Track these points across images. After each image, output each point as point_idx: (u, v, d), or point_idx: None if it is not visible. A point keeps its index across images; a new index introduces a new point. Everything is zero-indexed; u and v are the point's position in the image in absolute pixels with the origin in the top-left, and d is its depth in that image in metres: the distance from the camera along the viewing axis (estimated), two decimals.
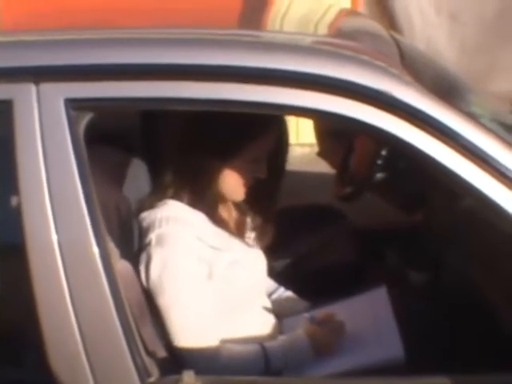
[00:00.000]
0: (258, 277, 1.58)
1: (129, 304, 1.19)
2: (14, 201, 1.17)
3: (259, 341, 1.45)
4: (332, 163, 2.41)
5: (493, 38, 4.30)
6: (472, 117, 1.17)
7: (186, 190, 1.45)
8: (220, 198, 1.51)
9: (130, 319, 1.17)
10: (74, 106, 1.15)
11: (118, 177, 1.53)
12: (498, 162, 1.09)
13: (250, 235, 1.60)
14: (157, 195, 1.47)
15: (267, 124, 1.42)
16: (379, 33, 1.60)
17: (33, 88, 1.14)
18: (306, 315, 1.54)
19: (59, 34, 1.26)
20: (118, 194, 1.50)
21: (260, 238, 1.61)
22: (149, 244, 1.38)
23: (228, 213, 1.56)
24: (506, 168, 1.09)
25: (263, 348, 1.42)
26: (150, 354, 1.26)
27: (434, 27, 4.42)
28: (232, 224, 1.55)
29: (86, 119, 1.17)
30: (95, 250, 1.14)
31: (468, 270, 1.66)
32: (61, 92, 1.14)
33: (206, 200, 1.46)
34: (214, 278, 1.42)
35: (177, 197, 1.45)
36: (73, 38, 1.22)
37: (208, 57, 1.13)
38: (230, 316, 1.45)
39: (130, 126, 1.57)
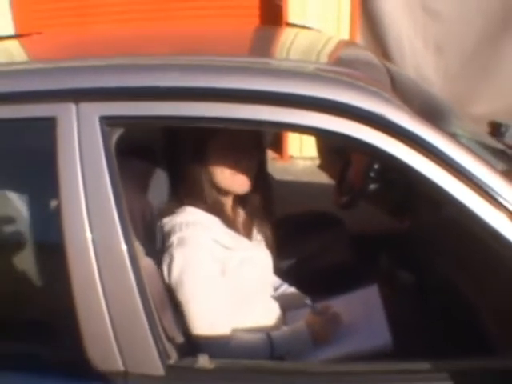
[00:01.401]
0: (265, 273, 1.59)
1: (151, 296, 1.20)
2: (55, 205, 1.19)
3: (265, 330, 1.46)
4: (331, 175, 2.43)
5: (473, 67, 4.31)
6: (454, 137, 1.17)
7: (193, 195, 1.45)
8: (225, 195, 1.49)
9: (153, 309, 1.19)
10: (108, 122, 1.16)
11: (143, 185, 1.55)
12: (475, 176, 1.10)
13: (257, 237, 1.60)
14: (176, 202, 1.48)
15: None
16: (373, 61, 1.60)
17: (73, 107, 1.16)
18: (308, 302, 1.54)
19: (95, 60, 1.28)
20: (143, 199, 1.52)
21: (265, 239, 1.61)
22: (171, 245, 1.39)
23: (235, 216, 1.56)
24: (482, 181, 1.10)
25: (269, 336, 1.43)
26: (170, 339, 1.26)
27: (421, 57, 4.43)
28: (241, 226, 1.56)
29: (117, 134, 1.19)
30: (124, 247, 1.16)
31: (448, 271, 1.66)
32: (97, 110, 1.16)
33: (212, 201, 1.45)
34: (226, 274, 1.43)
35: (192, 203, 1.46)
36: (106, 64, 1.24)
37: (223, 80, 1.14)
38: (241, 308, 1.46)
39: (154, 141, 1.59)
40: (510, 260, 1.11)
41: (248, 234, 1.57)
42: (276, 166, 4.07)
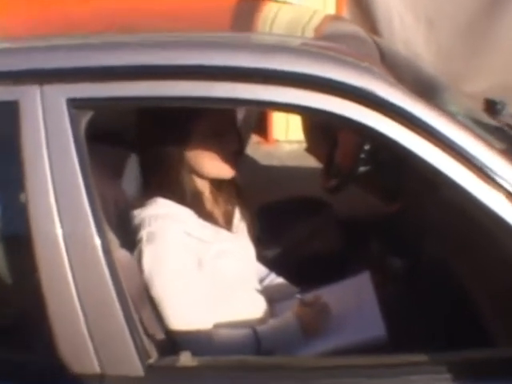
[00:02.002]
0: (247, 264, 1.57)
1: (129, 290, 1.18)
2: (20, 197, 1.15)
3: (251, 324, 1.44)
4: (319, 158, 2.41)
5: (466, 43, 4.31)
6: (448, 113, 1.16)
7: (166, 185, 1.42)
8: (204, 183, 1.47)
9: (131, 304, 1.16)
10: (76, 105, 1.13)
11: (116, 172, 1.53)
12: (472, 155, 1.09)
13: (238, 226, 1.58)
14: (147, 193, 1.45)
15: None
16: (361, 36, 1.59)
17: (37, 89, 1.13)
18: (297, 295, 1.53)
19: (60, 39, 1.25)
20: (117, 187, 1.49)
21: (247, 228, 1.59)
22: (140, 241, 1.37)
23: (213, 205, 1.54)
24: (477, 159, 1.09)
25: (254, 331, 1.41)
26: (150, 336, 1.25)
27: (412, 31, 4.41)
28: (218, 216, 1.53)
29: (86, 118, 1.16)
30: (96, 240, 1.13)
31: (444, 257, 1.66)
32: (63, 92, 1.13)
33: (191, 191, 1.43)
34: (203, 267, 1.40)
35: (165, 194, 1.42)
36: (73, 43, 1.21)
37: (200, 57, 1.12)
38: (222, 302, 1.44)
39: (128, 125, 1.55)
40: (508, 243, 1.10)
41: (228, 224, 1.54)
42: (261, 150, 4.05)
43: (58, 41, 1.24)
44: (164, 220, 1.38)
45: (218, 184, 1.51)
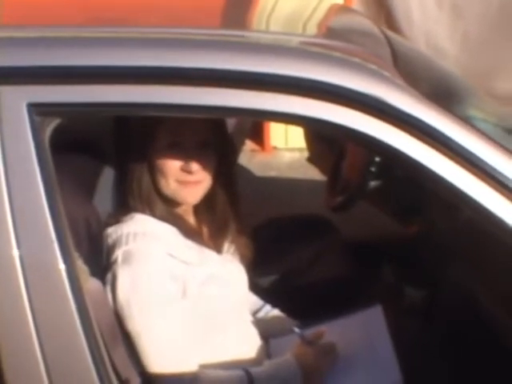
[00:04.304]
0: (239, 293, 1.57)
1: (99, 326, 1.18)
2: None
3: (243, 365, 1.44)
4: (323, 169, 2.42)
5: (496, 34, 4.30)
6: (470, 123, 1.17)
7: (142, 201, 1.43)
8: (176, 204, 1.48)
9: (101, 344, 1.16)
10: (39, 111, 1.14)
11: (87, 187, 1.53)
12: (495, 170, 1.10)
13: (230, 248, 1.59)
14: (123, 208, 1.46)
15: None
16: (371, 32, 1.61)
17: None
18: (296, 330, 1.53)
19: (21, 31, 1.25)
20: (88, 206, 1.50)
21: (239, 251, 1.60)
22: (115, 262, 1.37)
23: (201, 224, 1.55)
24: (504, 176, 1.10)
25: (248, 373, 1.41)
26: (123, 382, 1.24)
27: (434, 21, 4.42)
28: (206, 236, 1.54)
29: (51, 126, 1.16)
30: (61, 266, 1.13)
31: (469, 286, 1.66)
32: (24, 96, 1.13)
33: (161, 210, 1.44)
34: (188, 295, 1.41)
35: (142, 210, 1.44)
36: (36, 37, 1.20)
37: (186, 59, 1.13)
38: (210, 337, 1.45)
39: (101, 134, 1.56)
40: None
41: (217, 246, 1.55)
42: (256, 160, 4.07)
43: (20, 33, 1.23)
44: (144, 238, 1.38)
45: (207, 197, 1.52)
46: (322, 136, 2.28)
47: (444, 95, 1.39)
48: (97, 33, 1.25)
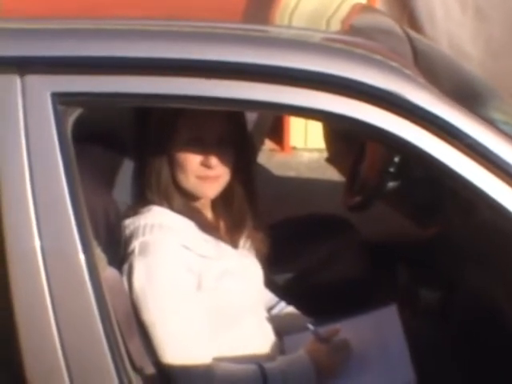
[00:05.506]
0: (254, 288, 1.58)
1: (116, 315, 1.20)
2: None
3: (257, 360, 1.45)
4: (341, 170, 2.43)
5: None
6: (492, 123, 1.17)
7: (160, 193, 1.44)
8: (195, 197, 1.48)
9: (117, 332, 1.18)
10: (62, 100, 1.15)
11: (107, 178, 1.54)
12: None
13: (246, 243, 1.59)
14: (141, 200, 1.47)
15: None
16: (393, 30, 1.60)
17: (17, 80, 1.14)
18: (311, 327, 1.54)
19: (48, 22, 1.26)
20: (107, 197, 1.51)
21: (255, 247, 1.61)
22: (131, 253, 1.38)
23: (218, 219, 1.56)
24: None
25: (261, 368, 1.41)
26: (138, 370, 1.26)
27: (457, 23, 4.40)
28: (223, 231, 1.55)
29: (74, 115, 1.17)
30: (81, 256, 1.14)
31: (487, 289, 1.66)
32: (48, 85, 1.14)
33: (179, 203, 1.45)
34: (203, 289, 1.41)
35: (160, 202, 1.45)
36: (62, 28, 1.22)
37: (208, 52, 1.13)
38: (224, 331, 1.45)
39: (122, 124, 1.58)
40: None
41: (233, 241, 1.56)
42: (275, 159, 4.07)
43: (46, 24, 1.24)
44: (161, 230, 1.39)
45: (225, 192, 1.53)
46: (341, 136, 2.28)
47: (466, 96, 1.38)
48: (120, 25, 1.26)
